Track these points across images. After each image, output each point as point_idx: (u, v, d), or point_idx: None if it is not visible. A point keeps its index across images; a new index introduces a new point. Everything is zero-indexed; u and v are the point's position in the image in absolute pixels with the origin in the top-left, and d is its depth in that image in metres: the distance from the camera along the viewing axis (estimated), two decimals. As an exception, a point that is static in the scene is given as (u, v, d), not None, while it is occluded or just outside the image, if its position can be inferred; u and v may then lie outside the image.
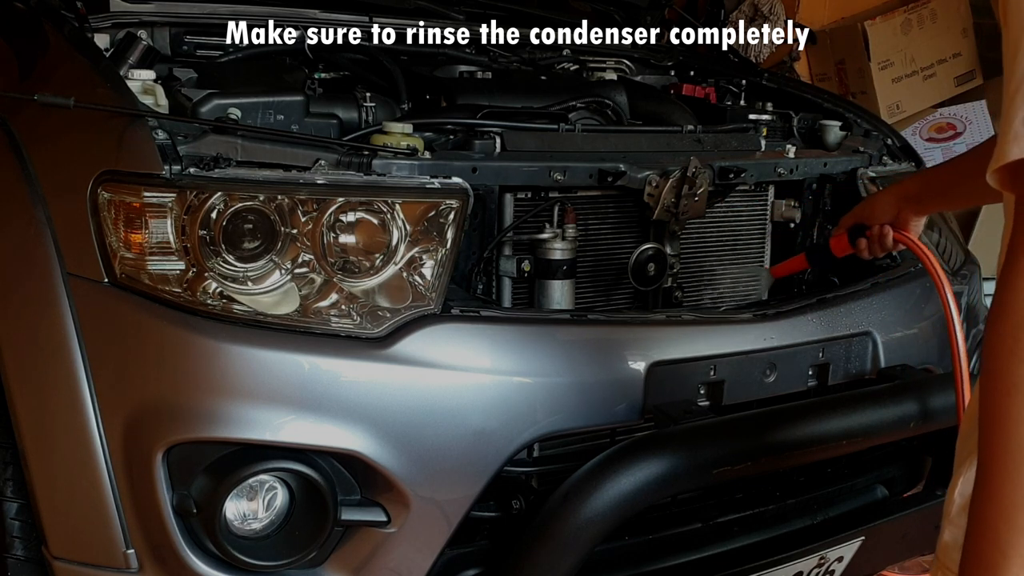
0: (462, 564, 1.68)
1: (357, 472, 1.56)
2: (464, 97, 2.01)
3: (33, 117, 1.72)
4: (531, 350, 1.63)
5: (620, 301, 1.96)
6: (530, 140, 1.84)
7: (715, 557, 1.87)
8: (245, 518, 1.56)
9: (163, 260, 1.51)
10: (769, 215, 2.14)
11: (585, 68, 2.54)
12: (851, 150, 2.24)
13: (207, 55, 2.19)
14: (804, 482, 2.03)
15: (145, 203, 1.51)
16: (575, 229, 1.81)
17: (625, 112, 2.14)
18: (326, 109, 1.84)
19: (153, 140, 1.52)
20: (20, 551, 1.69)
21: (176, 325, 1.51)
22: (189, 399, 1.50)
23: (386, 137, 1.67)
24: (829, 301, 1.93)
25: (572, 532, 1.52)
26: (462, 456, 1.57)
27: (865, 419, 1.71)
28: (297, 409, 1.51)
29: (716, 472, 1.59)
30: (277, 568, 1.56)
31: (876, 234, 1.83)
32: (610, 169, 1.82)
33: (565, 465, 1.66)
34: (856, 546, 1.96)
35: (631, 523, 1.73)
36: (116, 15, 2.11)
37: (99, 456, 1.54)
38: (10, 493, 1.69)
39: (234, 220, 1.51)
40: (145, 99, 1.67)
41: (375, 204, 1.56)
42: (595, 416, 1.66)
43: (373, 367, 1.54)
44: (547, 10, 2.80)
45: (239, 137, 1.56)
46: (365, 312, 1.56)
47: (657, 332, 1.74)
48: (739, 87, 2.55)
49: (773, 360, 1.81)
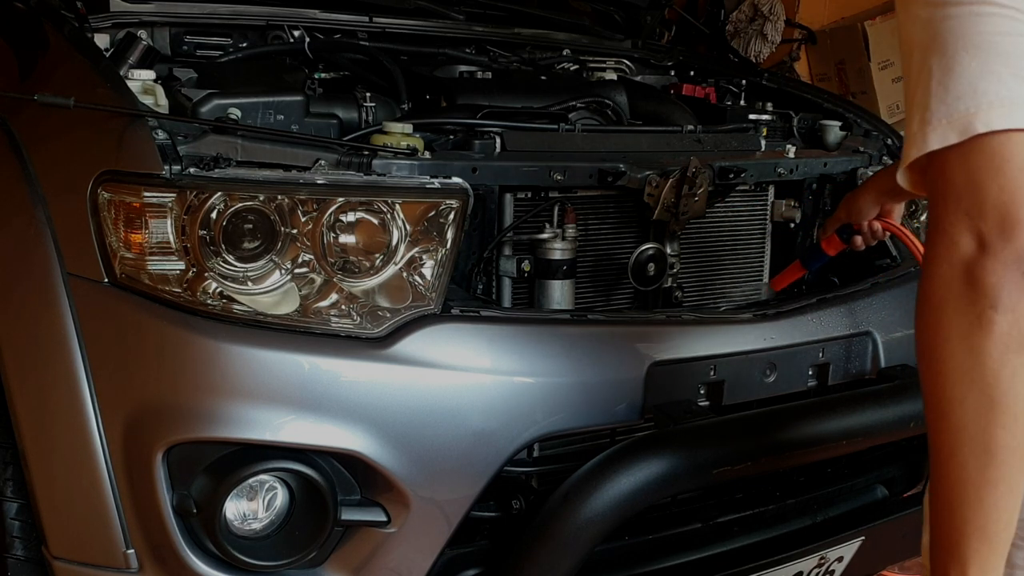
0: (462, 564, 1.68)
1: (357, 472, 1.56)
2: (464, 97, 2.01)
3: (33, 117, 1.72)
4: (531, 350, 1.63)
5: (620, 301, 1.96)
6: (530, 140, 1.84)
7: (715, 557, 1.87)
8: (245, 518, 1.57)
9: (163, 260, 1.51)
10: (769, 215, 2.14)
11: (585, 68, 2.54)
12: (851, 150, 2.24)
13: (207, 55, 2.19)
14: (804, 482, 2.03)
15: (145, 203, 1.50)
16: (575, 229, 1.81)
17: (625, 112, 2.14)
18: (326, 109, 1.84)
19: (153, 140, 1.52)
20: (20, 551, 1.69)
21: (176, 325, 1.51)
22: (189, 399, 1.50)
23: (386, 137, 1.67)
24: (829, 301, 1.93)
25: (572, 532, 1.52)
26: (462, 456, 1.57)
27: (865, 419, 1.71)
28: (297, 409, 1.51)
29: (716, 472, 1.59)
30: (277, 568, 1.56)
31: (866, 230, 1.95)
32: (610, 169, 1.82)
33: (565, 465, 1.66)
34: (856, 546, 1.96)
35: (631, 523, 1.73)
36: (116, 15, 2.11)
37: (99, 456, 1.54)
38: (10, 493, 1.69)
39: (234, 220, 1.51)
40: (145, 99, 1.67)
41: (375, 204, 1.56)
42: (595, 416, 1.66)
43: (373, 367, 1.54)
44: (547, 10, 2.80)
45: (239, 137, 1.55)
46: (365, 312, 1.56)
47: (657, 332, 1.74)
48: (739, 87, 2.55)
49: (773, 360, 1.81)
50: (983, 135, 0.89)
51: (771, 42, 4.66)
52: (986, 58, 0.89)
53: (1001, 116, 0.88)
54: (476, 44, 2.54)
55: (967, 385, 0.91)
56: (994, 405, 0.90)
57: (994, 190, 0.89)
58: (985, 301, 0.89)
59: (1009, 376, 0.90)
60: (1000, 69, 0.89)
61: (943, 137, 0.91)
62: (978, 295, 0.90)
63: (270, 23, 2.28)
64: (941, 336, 0.92)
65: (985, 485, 0.92)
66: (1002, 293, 0.89)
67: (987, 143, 0.89)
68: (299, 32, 2.27)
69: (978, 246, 0.90)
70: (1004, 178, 0.89)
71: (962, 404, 0.91)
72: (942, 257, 0.92)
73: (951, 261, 0.91)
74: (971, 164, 0.90)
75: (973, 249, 0.90)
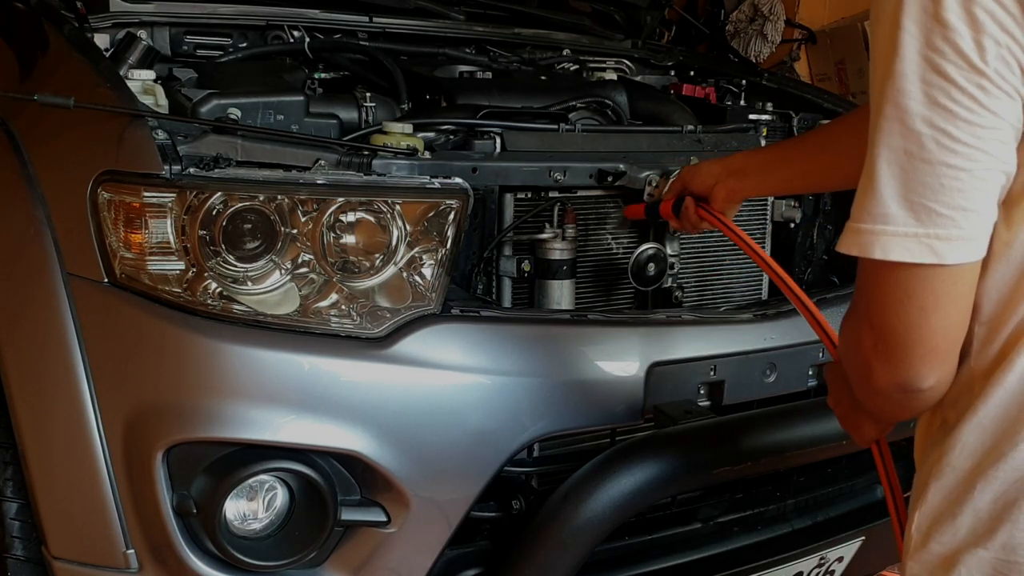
0: (462, 564, 1.68)
1: (357, 472, 1.56)
2: (464, 97, 2.01)
3: (33, 117, 1.72)
4: (531, 350, 1.63)
5: (620, 301, 1.96)
6: (530, 140, 1.84)
7: (715, 557, 1.87)
8: (245, 518, 1.56)
9: (163, 260, 1.51)
10: (769, 215, 2.14)
11: (585, 68, 2.54)
12: (851, 150, 2.24)
13: (207, 55, 2.19)
14: (804, 482, 2.03)
15: (145, 203, 1.50)
16: (575, 229, 1.81)
17: (625, 112, 2.14)
18: (326, 109, 1.84)
19: (153, 140, 1.52)
20: (20, 551, 1.69)
21: (176, 325, 1.51)
22: (189, 399, 1.50)
23: (386, 137, 1.67)
24: (829, 301, 1.93)
25: (572, 532, 1.52)
26: (462, 456, 1.57)
27: (865, 419, 1.71)
28: (297, 409, 1.51)
29: (716, 472, 1.60)
30: (277, 568, 1.56)
31: (687, 206, 1.72)
32: (610, 169, 1.82)
33: (565, 465, 1.66)
34: (856, 546, 1.96)
35: (631, 523, 1.73)
36: (116, 15, 2.11)
37: (99, 456, 1.54)
38: (10, 493, 1.69)
39: (234, 220, 1.51)
40: (145, 99, 1.67)
41: (375, 204, 1.56)
42: (595, 416, 1.66)
43: (373, 367, 1.54)
44: (547, 10, 2.80)
45: (239, 137, 1.55)
46: (365, 312, 1.56)
47: (657, 332, 1.74)
48: (739, 87, 2.55)
49: (773, 360, 1.81)
50: (879, 260, 0.88)
51: (771, 42, 4.66)
52: (907, 183, 0.86)
53: (899, 248, 0.87)
54: (476, 44, 2.54)
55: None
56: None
57: (884, 314, 0.91)
58: (872, 387, 0.96)
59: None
60: (914, 199, 0.86)
61: (848, 244, 0.90)
62: (871, 381, 0.96)
63: (270, 23, 2.28)
64: (847, 353, 1.01)
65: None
66: (885, 399, 0.97)
67: (882, 267, 0.89)
68: (299, 32, 2.28)
69: (872, 349, 0.93)
70: (892, 307, 0.89)
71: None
72: (854, 334, 0.97)
73: (860, 340, 0.95)
74: (870, 278, 0.91)
75: (870, 348, 0.94)
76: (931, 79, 0.84)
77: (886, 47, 0.86)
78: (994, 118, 0.84)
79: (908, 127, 0.85)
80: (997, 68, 0.83)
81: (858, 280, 0.94)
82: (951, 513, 0.96)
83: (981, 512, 0.94)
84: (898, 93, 0.85)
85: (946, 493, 0.97)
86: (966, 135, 0.84)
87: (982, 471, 0.94)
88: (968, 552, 0.95)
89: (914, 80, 0.84)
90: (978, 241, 0.88)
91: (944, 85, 0.83)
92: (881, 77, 0.87)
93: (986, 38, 0.82)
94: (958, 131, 0.84)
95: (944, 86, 0.83)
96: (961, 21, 0.82)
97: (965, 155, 0.84)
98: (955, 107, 0.83)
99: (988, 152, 0.85)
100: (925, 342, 0.90)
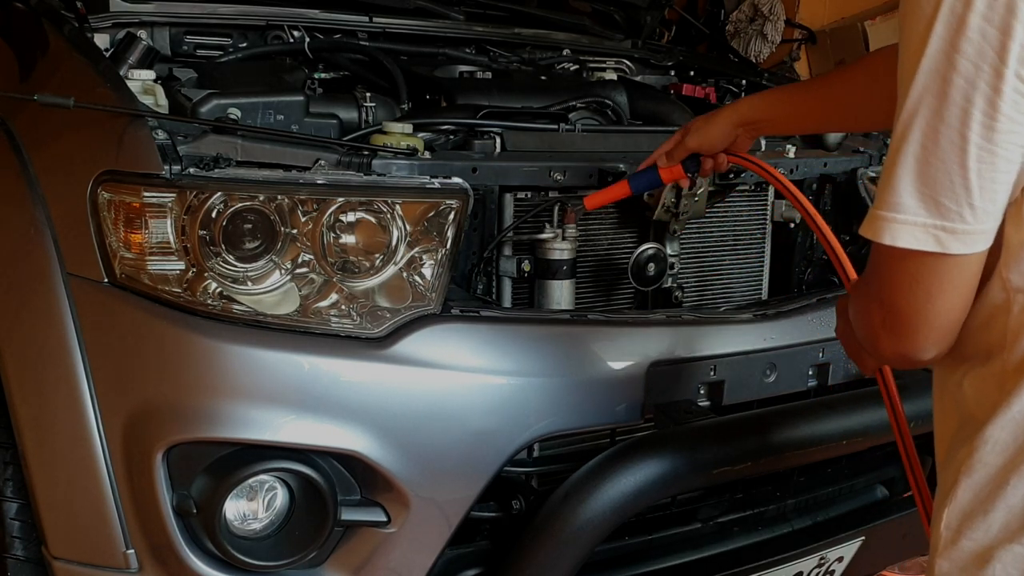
0: (462, 564, 1.68)
1: (357, 472, 1.56)
2: (464, 97, 2.01)
3: (33, 117, 1.72)
4: (531, 350, 1.63)
5: (620, 301, 1.96)
6: (530, 140, 1.84)
7: (715, 557, 1.87)
8: (245, 518, 1.56)
9: (163, 260, 1.51)
10: (769, 215, 2.14)
11: (585, 68, 2.54)
12: (851, 150, 2.24)
13: (207, 55, 2.19)
14: (804, 482, 2.03)
15: (145, 203, 1.50)
16: (575, 229, 1.81)
17: (625, 112, 2.14)
18: (326, 109, 1.84)
19: (153, 140, 1.52)
20: (20, 551, 1.69)
21: (176, 325, 1.51)
22: (189, 399, 1.50)
23: (386, 137, 1.67)
24: (829, 301, 1.93)
25: (572, 532, 1.52)
26: (462, 456, 1.57)
27: (865, 419, 1.71)
28: (297, 409, 1.51)
29: (716, 472, 1.60)
30: (277, 568, 1.56)
31: (713, 161, 1.72)
32: (610, 169, 1.82)
33: (565, 465, 1.67)
34: (856, 546, 1.96)
35: (631, 523, 1.73)
36: (116, 15, 2.11)
37: (99, 456, 1.54)
38: (10, 493, 1.69)
39: (234, 220, 1.51)
40: (145, 99, 1.67)
41: (375, 204, 1.56)
42: (595, 416, 1.66)
43: (373, 367, 1.54)
44: (547, 10, 2.80)
45: (239, 137, 1.55)
46: (365, 312, 1.56)
47: (657, 332, 1.74)
48: (739, 87, 2.55)
49: (773, 360, 1.81)
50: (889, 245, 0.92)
51: (771, 42, 4.66)
52: (922, 176, 0.90)
53: (908, 235, 0.91)
54: (476, 44, 2.54)
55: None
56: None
57: (893, 295, 0.95)
58: (878, 353, 1.02)
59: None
60: (926, 192, 0.90)
61: (865, 228, 0.95)
62: (877, 348, 1.01)
63: (270, 23, 2.28)
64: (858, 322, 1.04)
65: None
66: (889, 361, 1.06)
67: (892, 252, 0.93)
68: (299, 32, 2.27)
69: (880, 324, 0.98)
70: (901, 290, 0.94)
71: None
72: (865, 307, 1.01)
73: (870, 314, 1.00)
74: (883, 261, 0.95)
75: (879, 323, 0.98)
76: (954, 80, 0.87)
77: (917, 46, 0.89)
78: (1010, 123, 0.87)
79: (928, 125, 0.89)
80: (1019, 72, 0.85)
81: (871, 261, 0.97)
82: (983, 509, 0.97)
83: (1015, 508, 0.95)
84: (922, 91, 0.89)
85: (977, 490, 0.97)
86: (980, 138, 0.87)
87: (1015, 466, 0.94)
88: (1003, 548, 0.95)
89: (936, 80, 0.88)
90: (984, 235, 0.91)
91: (964, 88, 0.87)
92: (908, 73, 0.90)
93: (1013, 43, 0.85)
94: (973, 133, 0.87)
95: (965, 88, 0.87)
96: (991, 26, 0.85)
97: (978, 157, 0.87)
98: (973, 110, 0.87)
99: (1001, 155, 0.88)
100: (929, 323, 0.95)
